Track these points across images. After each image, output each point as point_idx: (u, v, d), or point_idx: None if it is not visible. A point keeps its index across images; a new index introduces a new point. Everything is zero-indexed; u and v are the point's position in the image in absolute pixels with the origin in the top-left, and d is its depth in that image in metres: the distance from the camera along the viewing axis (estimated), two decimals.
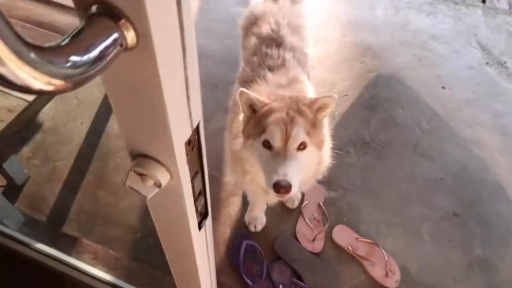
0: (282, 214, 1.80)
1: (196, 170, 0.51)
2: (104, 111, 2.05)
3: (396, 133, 2.11)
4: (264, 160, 1.10)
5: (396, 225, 1.80)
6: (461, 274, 1.67)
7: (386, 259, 1.66)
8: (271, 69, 1.44)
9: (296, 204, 1.80)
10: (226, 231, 1.73)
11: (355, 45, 2.53)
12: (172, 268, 0.78)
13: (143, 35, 0.30)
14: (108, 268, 1.55)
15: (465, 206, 1.86)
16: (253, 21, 1.63)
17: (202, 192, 0.56)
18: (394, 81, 2.36)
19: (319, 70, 2.34)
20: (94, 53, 0.28)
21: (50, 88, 0.26)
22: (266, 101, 1.14)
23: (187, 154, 0.46)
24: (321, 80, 2.30)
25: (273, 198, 1.42)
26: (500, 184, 1.95)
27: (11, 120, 1.47)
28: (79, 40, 0.27)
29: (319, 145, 1.16)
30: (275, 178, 1.02)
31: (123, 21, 0.29)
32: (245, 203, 1.78)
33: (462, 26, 2.77)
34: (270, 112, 1.11)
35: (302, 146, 1.09)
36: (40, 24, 1.68)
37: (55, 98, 2.05)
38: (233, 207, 1.79)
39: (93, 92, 2.11)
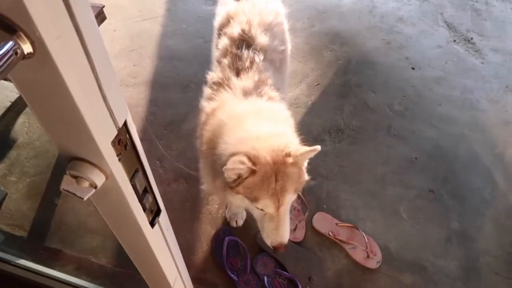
0: None
1: (136, 168, 0.52)
2: None
3: (369, 117, 2.15)
4: (258, 216, 1.20)
5: (374, 207, 1.83)
6: (440, 248, 1.72)
7: (367, 241, 1.69)
8: (238, 72, 1.42)
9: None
10: (208, 229, 1.74)
11: (324, 34, 2.56)
12: (140, 270, 0.79)
13: (38, 43, 0.31)
14: (92, 277, 1.56)
15: (440, 183, 1.91)
16: (226, 21, 1.60)
17: (149, 190, 0.58)
18: (364, 66, 2.39)
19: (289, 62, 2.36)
20: None
21: None
22: (249, 164, 1.07)
23: (119, 154, 0.47)
24: (292, 71, 2.32)
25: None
26: (472, 158, 2.00)
27: None
28: None
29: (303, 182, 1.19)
30: (274, 243, 1.17)
31: (16, 31, 0.30)
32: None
33: (428, 6, 2.81)
34: (258, 182, 1.08)
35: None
36: None
37: (28, 112, 2.04)
38: (213, 204, 1.81)
39: None
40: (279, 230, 1.15)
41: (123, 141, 0.47)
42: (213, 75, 1.50)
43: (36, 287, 1.49)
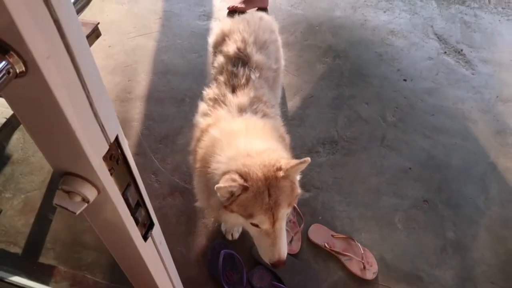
0: None
1: (128, 183, 0.53)
2: None
3: (362, 128, 2.17)
4: (255, 234, 1.20)
5: (369, 218, 1.84)
6: (436, 258, 1.72)
7: (362, 252, 1.70)
8: (234, 89, 1.45)
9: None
10: (204, 242, 1.74)
11: (316, 47, 2.59)
12: (134, 285, 0.79)
13: (30, 62, 0.33)
14: None
15: (434, 192, 1.92)
16: (221, 39, 1.63)
17: (141, 203, 0.59)
18: (356, 78, 2.42)
19: (283, 75, 2.39)
20: None
21: None
22: (240, 181, 1.08)
23: (110, 168, 0.48)
24: (286, 84, 2.35)
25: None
26: (465, 167, 2.02)
27: None
28: None
29: (297, 195, 1.20)
30: (272, 260, 1.17)
31: (9, 51, 0.32)
32: None
33: (418, 19, 2.86)
34: (251, 199, 1.09)
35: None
36: None
37: (23, 129, 2.04)
38: (208, 218, 1.81)
39: None
40: (276, 246, 1.15)
41: (114, 156, 0.48)
42: (209, 91, 1.52)
43: None
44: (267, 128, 1.35)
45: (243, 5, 2.73)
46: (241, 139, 1.26)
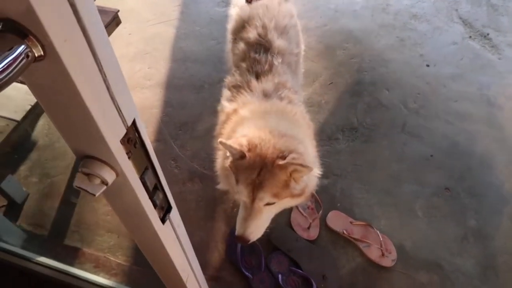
0: None
1: (146, 166, 0.54)
2: None
3: (383, 115, 2.14)
4: (240, 202, 1.22)
5: (389, 205, 1.82)
6: (457, 247, 1.70)
7: (381, 239, 1.69)
8: (258, 75, 1.44)
9: None
10: (223, 227, 1.76)
11: (337, 32, 2.55)
12: (154, 267, 0.81)
13: (48, 46, 0.33)
14: (110, 275, 1.60)
15: (456, 180, 1.88)
16: (241, 25, 1.62)
17: (159, 187, 0.60)
18: (377, 64, 2.38)
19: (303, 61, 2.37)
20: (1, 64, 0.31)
21: None
22: (244, 148, 1.11)
23: (128, 152, 0.49)
24: (306, 71, 2.32)
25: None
26: (489, 155, 1.97)
27: (2, 140, 1.52)
28: None
29: (297, 196, 1.18)
30: (237, 233, 1.18)
31: (27, 35, 0.33)
32: None
33: (442, 3, 2.77)
34: (244, 167, 1.12)
35: (269, 203, 1.14)
36: None
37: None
38: (227, 203, 1.83)
39: None
40: (246, 223, 1.16)
41: (132, 140, 0.49)
42: (231, 78, 1.51)
43: (56, 284, 1.54)
44: (297, 114, 1.35)
45: None
46: (271, 118, 1.27)
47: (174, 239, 0.71)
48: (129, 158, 0.49)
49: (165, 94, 2.26)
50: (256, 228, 1.18)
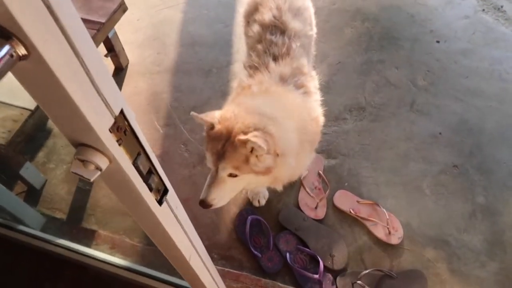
0: (284, 187, 1.87)
1: (138, 152, 0.58)
2: None
3: (391, 94, 2.13)
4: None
5: (396, 184, 1.83)
6: (465, 223, 1.71)
7: (388, 217, 1.71)
8: (275, 57, 1.45)
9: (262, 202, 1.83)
10: (232, 209, 1.81)
11: (344, 11, 2.52)
12: (158, 247, 0.86)
13: (30, 46, 0.37)
14: (125, 255, 1.68)
15: (465, 157, 1.87)
16: (254, 8, 1.61)
17: (154, 171, 0.63)
18: (386, 42, 2.35)
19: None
20: None
21: None
22: (215, 120, 1.19)
23: (118, 139, 0.52)
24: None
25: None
26: (500, 131, 1.94)
27: (18, 128, 1.58)
28: None
29: (261, 173, 1.20)
30: (201, 197, 1.23)
31: (11, 37, 0.36)
32: None
33: None
34: (211, 138, 1.20)
35: (232, 175, 1.19)
36: None
37: None
38: None
39: None
40: (209, 189, 1.22)
41: (121, 128, 0.52)
42: (248, 59, 1.52)
43: (74, 265, 1.63)
44: (299, 108, 1.35)
45: None
46: (267, 99, 1.30)
47: (173, 220, 0.75)
48: (119, 145, 0.53)
49: (174, 79, 2.30)
50: (218, 196, 1.23)
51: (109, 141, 0.50)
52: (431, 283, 1.57)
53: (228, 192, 1.25)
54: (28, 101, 1.79)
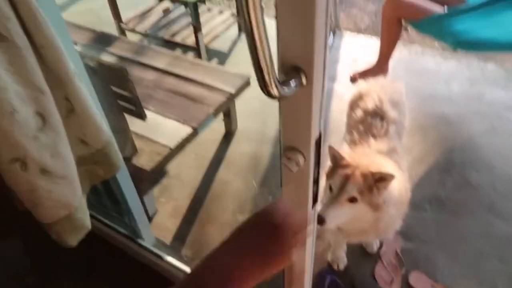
0: (362, 257, 2.04)
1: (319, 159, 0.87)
2: (214, 164, 2.55)
3: (470, 194, 2.29)
4: (326, 197, 1.50)
5: (471, 278, 1.92)
6: None
7: None
8: (374, 136, 1.77)
9: (374, 249, 2.02)
10: (318, 262, 1.99)
11: (431, 114, 2.80)
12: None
13: (309, 78, 0.69)
14: None
15: None
16: (358, 98, 1.98)
17: (316, 181, 0.92)
18: (468, 147, 2.56)
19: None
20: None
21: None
22: (346, 157, 1.47)
23: (317, 148, 0.83)
24: None
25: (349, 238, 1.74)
26: None
27: (160, 160, 1.99)
28: None
29: (373, 207, 1.44)
30: (319, 211, 1.38)
31: (301, 71, 0.69)
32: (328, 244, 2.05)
33: None
34: (342, 167, 1.45)
35: (352, 200, 1.42)
36: (179, 93, 2.36)
37: (179, 154, 2.59)
38: (317, 248, 2.06)
39: (208, 148, 2.66)
40: (327, 207, 1.40)
41: (317, 142, 0.83)
42: (350, 136, 1.86)
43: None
44: (398, 174, 1.57)
45: (364, 75, 3.09)
46: (377, 156, 1.60)
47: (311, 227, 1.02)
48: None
49: (274, 150, 2.66)
50: (334, 215, 1.41)
51: (311, 148, 0.81)
52: None
53: (342, 215, 1.44)
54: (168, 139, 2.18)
